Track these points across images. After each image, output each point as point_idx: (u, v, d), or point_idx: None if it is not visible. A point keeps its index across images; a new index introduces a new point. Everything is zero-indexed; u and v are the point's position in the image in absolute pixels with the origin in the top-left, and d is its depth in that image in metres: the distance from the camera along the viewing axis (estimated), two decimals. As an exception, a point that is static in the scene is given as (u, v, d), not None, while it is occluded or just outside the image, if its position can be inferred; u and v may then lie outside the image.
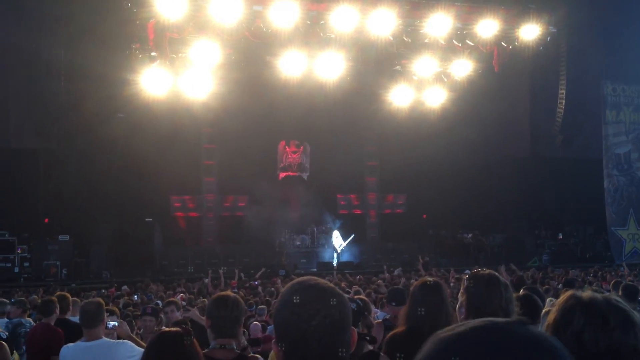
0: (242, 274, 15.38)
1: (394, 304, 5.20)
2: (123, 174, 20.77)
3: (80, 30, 17.52)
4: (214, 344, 3.27)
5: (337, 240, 22.40)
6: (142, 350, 4.32)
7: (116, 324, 5.23)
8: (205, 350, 3.14)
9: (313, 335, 1.54)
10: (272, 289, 12.34)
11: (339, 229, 22.81)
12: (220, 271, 13.11)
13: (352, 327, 1.65)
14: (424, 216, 25.85)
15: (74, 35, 18.00)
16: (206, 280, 13.76)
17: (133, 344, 4.67)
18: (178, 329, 2.82)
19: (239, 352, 3.36)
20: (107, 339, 4.73)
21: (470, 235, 24.91)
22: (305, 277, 1.72)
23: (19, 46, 19.10)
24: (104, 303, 4.99)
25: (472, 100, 21.07)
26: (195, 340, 2.79)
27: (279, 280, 14.62)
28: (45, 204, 21.19)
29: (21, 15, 18.91)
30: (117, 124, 19.73)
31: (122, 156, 20.73)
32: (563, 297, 1.83)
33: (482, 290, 2.76)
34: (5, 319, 7.52)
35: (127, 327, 5.23)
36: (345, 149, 24.13)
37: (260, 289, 12.69)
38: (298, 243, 23.48)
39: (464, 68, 19.07)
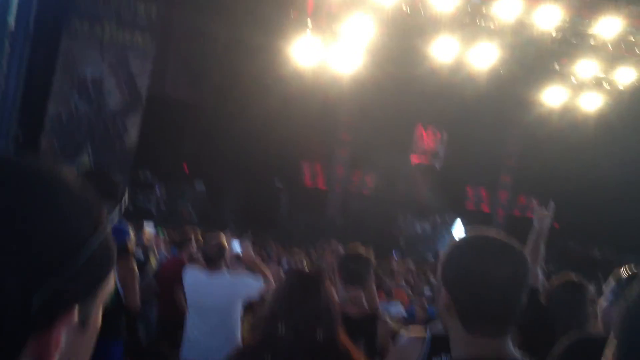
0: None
1: None
2: (258, 135, 21.22)
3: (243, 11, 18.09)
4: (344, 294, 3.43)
5: (459, 231, 21.82)
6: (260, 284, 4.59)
7: (239, 250, 5.20)
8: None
9: (499, 287, 1.45)
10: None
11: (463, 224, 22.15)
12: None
13: None
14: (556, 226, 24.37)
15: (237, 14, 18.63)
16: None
17: (251, 280, 4.73)
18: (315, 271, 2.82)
19: (369, 312, 3.48)
20: (228, 275, 4.92)
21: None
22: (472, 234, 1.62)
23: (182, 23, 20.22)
24: (224, 244, 5.06)
25: (635, 112, 19.26)
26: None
27: (394, 260, 14.56)
28: (186, 152, 22.32)
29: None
30: (269, 93, 20.07)
31: (263, 118, 21.15)
32: None
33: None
34: None
35: (251, 251, 5.07)
36: (485, 143, 23.05)
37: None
38: (419, 230, 23.12)
39: (628, 76, 17.56)
